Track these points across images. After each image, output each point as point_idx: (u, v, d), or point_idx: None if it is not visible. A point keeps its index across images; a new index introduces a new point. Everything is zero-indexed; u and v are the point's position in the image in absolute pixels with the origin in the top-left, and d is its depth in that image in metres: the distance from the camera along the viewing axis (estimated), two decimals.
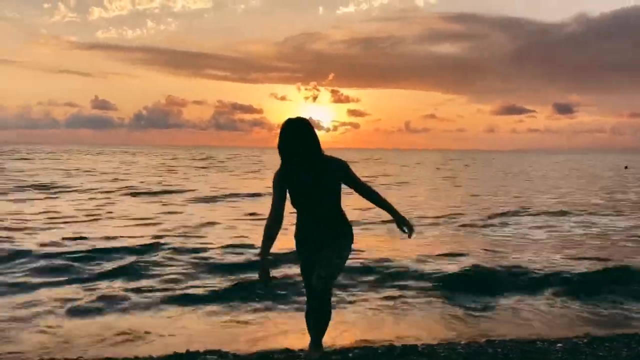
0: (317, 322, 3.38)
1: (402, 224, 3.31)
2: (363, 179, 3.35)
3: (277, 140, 3.25)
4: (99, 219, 11.22)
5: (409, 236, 3.29)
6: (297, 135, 3.21)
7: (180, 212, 12.66)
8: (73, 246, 7.78)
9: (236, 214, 12.43)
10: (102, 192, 17.41)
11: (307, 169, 3.25)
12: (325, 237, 3.32)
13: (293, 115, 3.30)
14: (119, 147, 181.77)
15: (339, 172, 3.30)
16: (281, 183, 3.31)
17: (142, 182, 22.70)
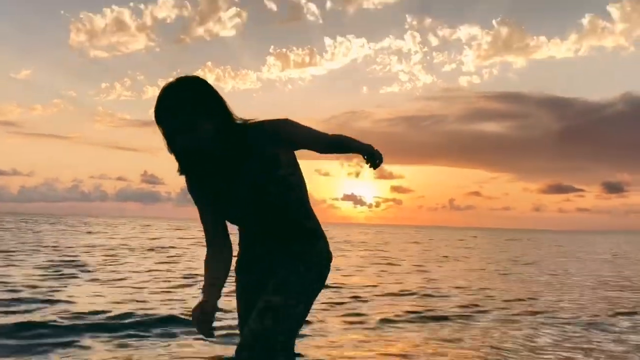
0: None
1: (367, 152, 2.14)
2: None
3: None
4: None
5: (374, 167, 2.15)
6: (185, 104, 1.82)
7: None
8: None
9: None
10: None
11: (225, 162, 1.94)
12: (276, 260, 2.04)
13: (336, 190, 2.04)
14: (165, 220, 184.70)
15: (279, 143, 1.96)
16: (195, 188, 2.04)
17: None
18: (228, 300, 3.07)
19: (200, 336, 2.08)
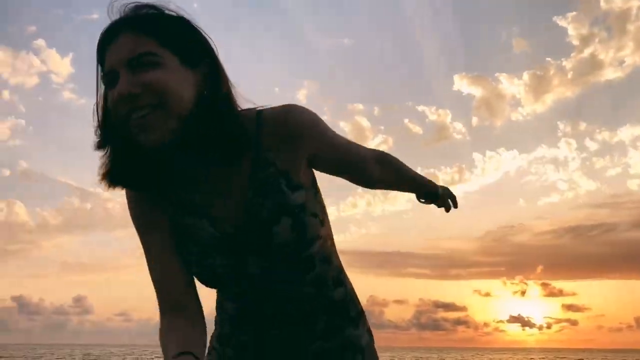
0: None
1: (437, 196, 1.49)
2: None
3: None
4: None
5: (447, 209, 1.53)
6: (154, 23, 0.95)
7: None
8: None
9: None
10: None
11: (205, 158, 1.00)
12: None
13: (500, 311, 1.21)
14: None
15: (299, 147, 1.04)
16: (145, 207, 1.08)
17: None
18: None
19: None
